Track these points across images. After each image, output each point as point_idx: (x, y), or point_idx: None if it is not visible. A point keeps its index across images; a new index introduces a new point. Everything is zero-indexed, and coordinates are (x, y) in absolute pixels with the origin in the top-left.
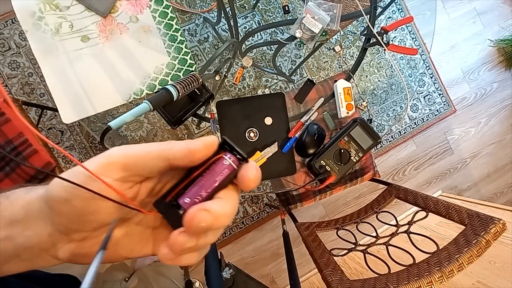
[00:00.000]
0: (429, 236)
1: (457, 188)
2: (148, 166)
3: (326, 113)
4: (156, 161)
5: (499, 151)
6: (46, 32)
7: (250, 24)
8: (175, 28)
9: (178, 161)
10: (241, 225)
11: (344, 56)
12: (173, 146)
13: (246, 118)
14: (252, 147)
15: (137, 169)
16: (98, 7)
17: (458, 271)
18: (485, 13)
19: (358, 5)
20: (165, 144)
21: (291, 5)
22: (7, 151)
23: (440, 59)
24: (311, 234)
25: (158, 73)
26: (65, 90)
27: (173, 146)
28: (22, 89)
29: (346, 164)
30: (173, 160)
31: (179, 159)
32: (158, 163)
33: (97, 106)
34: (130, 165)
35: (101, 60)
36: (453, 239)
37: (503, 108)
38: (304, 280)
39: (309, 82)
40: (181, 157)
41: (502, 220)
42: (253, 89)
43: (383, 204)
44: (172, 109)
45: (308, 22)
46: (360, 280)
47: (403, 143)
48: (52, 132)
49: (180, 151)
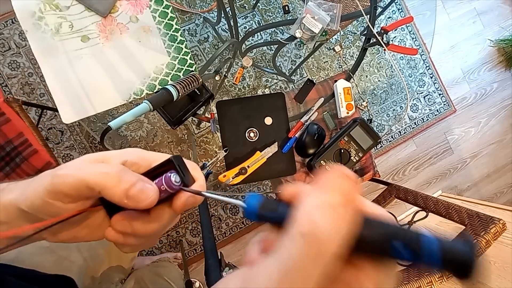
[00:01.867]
0: None
1: (457, 188)
2: (84, 195)
3: (326, 113)
4: (87, 191)
5: (499, 151)
6: (46, 32)
7: (250, 24)
8: (175, 28)
9: (106, 194)
10: (241, 225)
11: (344, 56)
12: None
13: (246, 118)
14: (252, 147)
15: (76, 196)
16: (98, 7)
17: None
18: (485, 13)
19: (358, 5)
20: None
21: (291, 5)
22: (7, 151)
23: (440, 59)
24: None
25: (158, 73)
26: (65, 90)
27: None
28: (22, 89)
29: (346, 164)
30: (100, 192)
31: (106, 193)
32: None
33: (97, 106)
34: (71, 193)
35: (101, 60)
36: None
37: (503, 108)
38: None
39: (309, 82)
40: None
41: (502, 220)
42: (253, 89)
43: (383, 204)
44: (172, 109)
45: (308, 22)
46: None
47: (403, 143)
48: (52, 132)
49: (113, 197)
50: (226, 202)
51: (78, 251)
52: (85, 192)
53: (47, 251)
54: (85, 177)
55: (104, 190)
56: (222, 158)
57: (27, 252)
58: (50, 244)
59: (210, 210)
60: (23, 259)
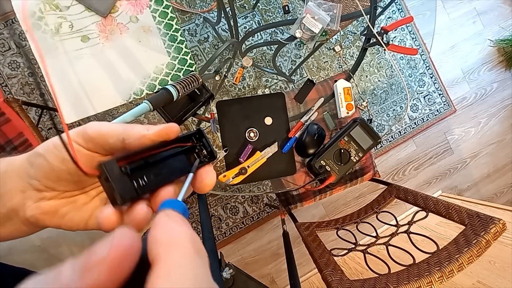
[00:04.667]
0: (429, 236)
1: (457, 188)
2: (107, 143)
3: (326, 113)
4: (114, 140)
5: (499, 151)
6: (46, 32)
7: (250, 24)
8: (175, 28)
9: (131, 144)
10: (241, 225)
11: (344, 56)
12: (131, 129)
13: (246, 118)
14: (252, 147)
15: (100, 143)
16: (98, 7)
17: (458, 271)
18: (485, 13)
19: (358, 5)
20: (127, 126)
21: (291, 5)
22: (7, 151)
23: (440, 59)
24: (311, 234)
25: (158, 73)
26: (65, 90)
27: (131, 129)
28: (22, 89)
29: (346, 164)
30: (127, 141)
31: (132, 142)
32: (115, 142)
33: (97, 106)
34: (96, 139)
35: (101, 60)
36: (453, 239)
37: (503, 108)
38: (304, 280)
39: (309, 82)
40: (134, 141)
41: (502, 220)
42: (253, 89)
43: (383, 204)
44: (172, 109)
45: (308, 22)
46: (360, 280)
47: (403, 143)
48: (52, 132)
49: (133, 135)
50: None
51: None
52: (108, 139)
53: (38, 250)
54: (114, 125)
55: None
56: (222, 158)
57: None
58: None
59: (210, 210)
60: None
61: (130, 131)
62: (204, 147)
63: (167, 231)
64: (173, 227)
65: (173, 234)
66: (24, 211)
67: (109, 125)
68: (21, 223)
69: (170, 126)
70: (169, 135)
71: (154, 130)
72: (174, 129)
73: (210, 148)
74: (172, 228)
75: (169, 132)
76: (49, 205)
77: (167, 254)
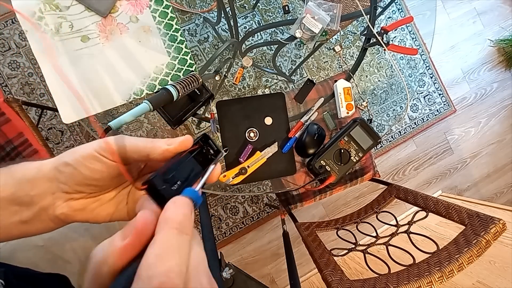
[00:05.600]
0: (429, 236)
1: (457, 188)
2: (131, 157)
3: (326, 113)
4: (137, 155)
5: (499, 151)
6: (46, 32)
7: (250, 24)
8: (175, 28)
9: (154, 158)
10: (241, 225)
11: (344, 56)
12: (153, 145)
13: (246, 118)
14: (252, 147)
15: (122, 157)
16: (98, 7)
17: (458, 271)
18: (485, 13)
19: (358, 5)
20: (149, 142)
21: (291, 5)
22: (7, 151)
23: (440, 59)
24: (311, 234)
25: (158, 73)
26: (65, 90)
27: (154, 145)
28: (22, 89)
29: (346, 164)
30: (151, 156)
31: (156, 157)
32: (139, 157)
33: (97, 106)
34: (119, 153)
35: (101, 60)
36: (453, 239)
37: (503, 108)
38: (304, 280)
39: (309, 82)
40: (157, 156)
41: (502, 220)
42: (253, 89)
43: (383, 204)
44: (172, 109)
45: (308, 22)
46: (360, 280)
47: (403, 143)
48: (52, 132)
49: (157, 150)
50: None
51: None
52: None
53: (41, 250)
54: (137, 141)
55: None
56: (222, 158)
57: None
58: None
59: (210, 210)
60: (17, 257)
61: (154, 147)
62: (210, 147)
63: (165, 212)
64: (169, 210)
65: (167, 215)
66: (54, 209)
67: (132, 142)
68: (49, 220)
69: (187, 138)
70: (187, 146)
71: (175, 144)
72: (190, 140)
73: (216, 147)
74: (169, 211)
75: (187, 144)
76: (78, 203)
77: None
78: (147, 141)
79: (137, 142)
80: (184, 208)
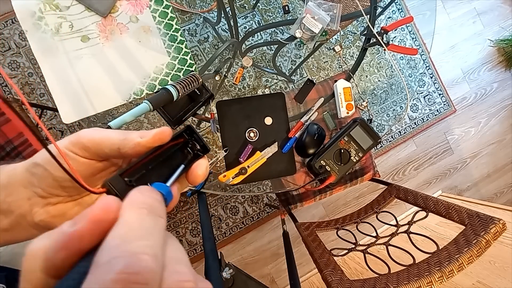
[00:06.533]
0: (429, 236)
1: (457, 188)
2: (103, 151)
3: (326, 113)
4: (109, 149)
5: (499, 151)
6: (46, 32)
7: (250, 24)
8: (175, 28)
9: (126, 152)
10: (241, 225)
11: (344, 56)
12: (125, 137)
13: (246, 118)
14: (252, 147)
15: (96, 152)
16: (98, 7)
17: (458, 271)
18: (485, 13)
19: (358, 5)
20: (121, 134)
21: (291, 5)
22: (7, 151)
23: (440, 59)
24: (311, 234)
25: (158, 73)
26: (65, 90)
27: (126, 137)
28: (22, 89)
29: (346, 164)
30: (122, 150)
31: (127, 151)
32: (111, 151)
33: (97, 106)
34: (91, 148)
35: (101, 60)
36: (453, 239)
37: (503, 108)
38: (304, 280)
39: (309, 82)
40: (129, 150)
41: (502, 220)
42: (253, 89)
43: (383, 204)
44: (172, 109)
45: (308, 22)
46: (360, 280)
47: (403, 143)
48: (52, 132)
49: (128, 144)
50: None
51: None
52: (104, 148)
53: None
54: (108, 134)
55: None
56: (222, 158)
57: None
58: None
59: (210, 210)
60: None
61: (125, 140)
62: (196, 142)
63: (129, 197)
64: (135, 194)
65: (132, 198)
66: (32, 216)
67: (103, 134)
68: (30, 227)
69: (162, 130)
70: (163, 139)
71: (148, 137)
72: (166, 132)
73: (202, 142)
74: (134, 195)
75: (162, 137)
76: (56, 209)
77: (121, 213)
78: (120, 134)
79: (109, 135)
80: (152, 192)
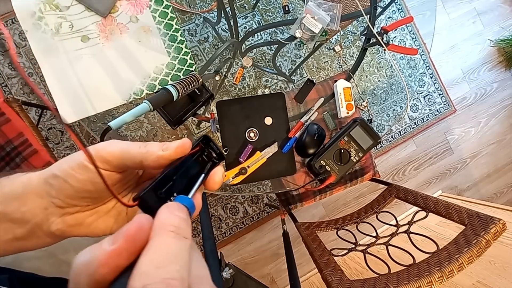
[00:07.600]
0: (429, 236)
1: (457, 188)
2: (124, 164)
3: (326, 113)
4: (131, 162)
5: (499, 151)
6: (46, 32)
7: (250, 24)
8: (175, 28)
9: (149, 164)
10: (241, 225)
11: (344, 56)
12: (147, 151)
13: (246, 118)
14: (252, 147)
15: (116, 165)
16: (98, 7)
17: (458, 271)
18: (485, 13)
19: (358, 5)
20: (142, 147)
21: (291, 5)
22: (7, 151)
23: (440, 59)
24: (311, 234)
25: (158, 73)
26: (65, 90)
27: (147, 151)
28: (22, 89)
29: (346, 164)
30: (145, 163)
31: (150, 163)
32: (132, 164)
33: (97, 106)
34: (112, 161)
35: (101, 60)
36: (453, 239)
37: (503, 108)
38: (304, 280)
39: (309, 82)
40: (151, 162)
41: (502, 220)
42: (253, 89)
43: (383, 204)
44: (172, 109)
45: (308, 22)
46: (360, 280)
47: (403, 143)
48: (52, 132)
49: (151, 157)
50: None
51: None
52: (126, 162)
53: (45, 255)
54: (128, 147)
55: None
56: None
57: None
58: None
59: (210, 210)
60: (21, 262)
61: (147, 153)
62: (212, 150)
63: (159, 217)
64: (164, 214)
65: (161, 219)
66: (48, 226)
67: (122, 147)
68: (45, 236)
69: (184, 143)
70: (184, 151)
71: (170, 150)
72: (187, 145)
73: (219, 150)
74: (163, 215)
75: (183, 150)
76: (74, 218)
77: (152, 236)
78: (141, 146)
79: (129, 148)
80: (179, 211)
